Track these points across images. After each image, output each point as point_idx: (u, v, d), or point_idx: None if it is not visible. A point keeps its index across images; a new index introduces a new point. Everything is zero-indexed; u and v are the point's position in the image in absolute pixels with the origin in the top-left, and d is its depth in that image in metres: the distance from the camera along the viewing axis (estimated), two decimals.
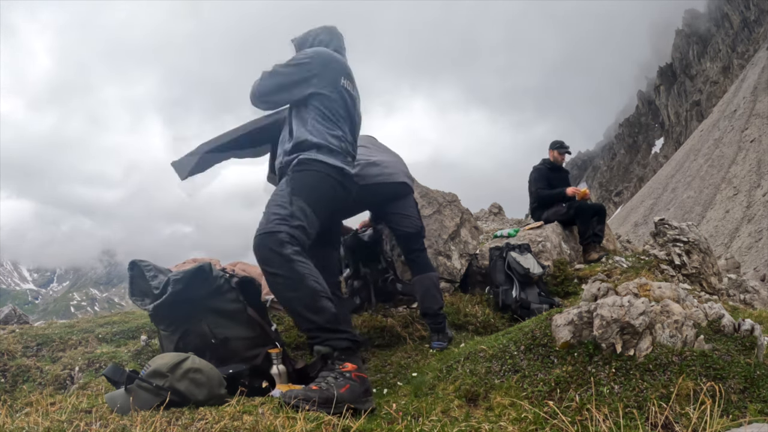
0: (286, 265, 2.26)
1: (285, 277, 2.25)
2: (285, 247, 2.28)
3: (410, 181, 4.13)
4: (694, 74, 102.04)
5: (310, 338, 2.35)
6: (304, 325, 2.31)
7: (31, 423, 1.75)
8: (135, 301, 2.68)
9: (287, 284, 2.26)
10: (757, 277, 23.23)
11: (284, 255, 2.27)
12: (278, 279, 2.27)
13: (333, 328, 2.26)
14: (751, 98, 57.80)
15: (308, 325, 2.28)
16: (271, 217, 2.38)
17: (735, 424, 1.56)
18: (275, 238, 2.30)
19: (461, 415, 2.04)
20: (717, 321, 2.12)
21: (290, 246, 2.30)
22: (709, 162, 53.77)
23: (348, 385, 2.07)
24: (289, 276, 2.25)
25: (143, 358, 3.34)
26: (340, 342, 2.24)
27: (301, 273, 2.26)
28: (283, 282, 2.26)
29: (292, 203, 2.43)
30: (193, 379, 2.06)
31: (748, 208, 41.38)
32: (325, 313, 2.25)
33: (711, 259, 5.24)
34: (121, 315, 4.38)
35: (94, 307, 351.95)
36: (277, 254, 2.27)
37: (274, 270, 2.28)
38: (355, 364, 2.19)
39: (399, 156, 4.32)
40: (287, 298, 2.30)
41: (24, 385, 3.03)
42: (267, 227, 2.34)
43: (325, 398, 1.94)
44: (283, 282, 2.26)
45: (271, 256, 2.28)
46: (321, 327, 2.25)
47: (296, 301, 2.27)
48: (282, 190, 2.50)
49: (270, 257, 2.29)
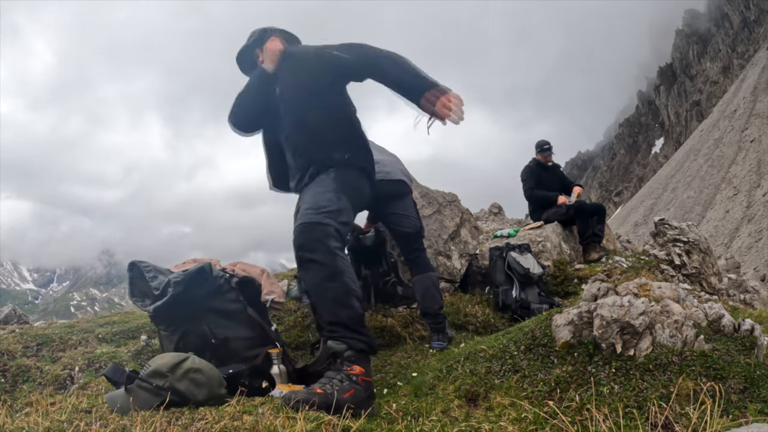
0: (328, 255, 2.21)
1: (324, 266, 2.20)
2: (330, 240, 2.24)
3: (408, 180, 4.14)
4: (694, 74, 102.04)
5: (327, 332, 2.25)
6: (328, 317, 2.23)
7: (31, 423, 1.75)
8: (135, 302, 2.68)
9: (324, 273, 2.20)
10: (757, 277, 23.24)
11: (329, 247, 2.22)
12: (315, 266, 2.21)
13: (354, 328, 2.21)
14: (751, 98, 57.80)
15: (331, 318, 2.22)
16: (321, 209, 2.31)
17: (735, 424, 1.56)
18: (323, 229, 2.25)
19: (461, 415, 2.04)
20: (717, 321, 2.12)
21: (335, 241, 2.26)
22: (709, 162, 53.77)
23: (353, 390, 2.03)
24: (329, 266, 2.20)
25: (143, 358, 3.34)
26: (357, 343, 2.19)
27: (340, 267, 2.22)
28: (319, 270, 2.20)
29: (340, 200, 2.41)
30: (193, 379, 2.06)
31: (748, 208, 41.38)
32: (352, 311, 2.21)
33: (711, 259, 5.24)
34: (121, 315, 4.38)
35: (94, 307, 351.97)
36: (322, 244, 2.22)
37: (313, 256, 2.22)
38: (364, 368, 2.16)
39: (396, 156, 4.34)
40: (319, 286, 2.23)
41: (24, 385, 3.04)
42: (316, 218, 2.26)
43: (326, 404, 1.92)
44: (319, 270, 2.20)
45: (314, 244, 2.23)
46: (343, 323, 2.19)
47: (328, 291, 2.21)
48: (328, 185, 2.46)
49: (313, 245, 2.23)
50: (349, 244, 4.19)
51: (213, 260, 2.97)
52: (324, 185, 2.47)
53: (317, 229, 2.24)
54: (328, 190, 2.42)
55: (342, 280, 2.21)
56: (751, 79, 62.13)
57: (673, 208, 50.82)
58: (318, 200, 2.37)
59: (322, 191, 2.43)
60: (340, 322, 2.19)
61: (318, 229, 2.24)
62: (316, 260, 2.21)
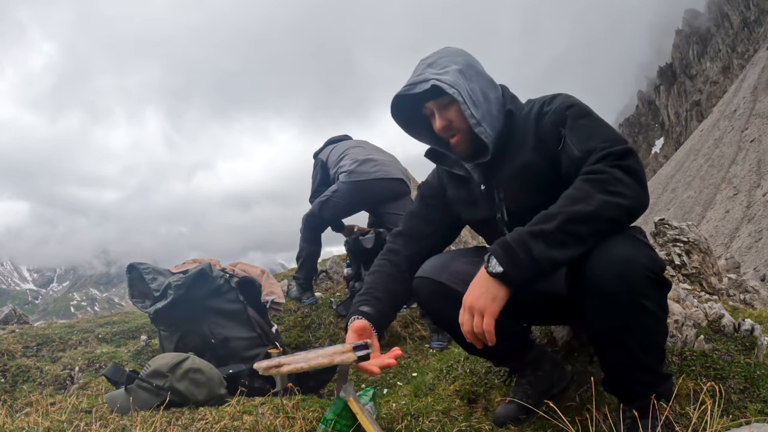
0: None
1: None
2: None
3: (407, 180, 4.15)
4: (694, 74, 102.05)
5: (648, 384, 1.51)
6: (661, 362, 1.54)
7: (31, 423, 1.75)
8: (135, 303, 2.69)
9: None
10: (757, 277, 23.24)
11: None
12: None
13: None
14: (751, 98, 57.79)
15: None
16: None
17: (735, 424, 1.56)
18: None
19: (461, 415, 2.04)
20: (717, 321, 2.12)
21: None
22: (709, 162, 53.76)
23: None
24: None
25: (143, 358, 3.34)
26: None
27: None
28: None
29: None
30: (193, 379, 2.07)
31: (748, 208, 41.37)
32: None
33: (711, 259, 5.24)
34: (121, 315, 4.38)
35: (94, 307, 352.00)
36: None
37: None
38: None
39: (394, 157, 4.36)
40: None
41: (24, 385, 3.04)
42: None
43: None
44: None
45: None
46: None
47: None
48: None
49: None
50: (349, 245, 4.19)
51: (213, 260, 2.97)
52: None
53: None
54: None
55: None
56: (751, 79, 62.11)
57: (673, 208, 50.82)
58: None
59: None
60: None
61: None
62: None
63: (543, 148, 1.57)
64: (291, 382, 2.59)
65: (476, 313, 1.39)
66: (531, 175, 1.60)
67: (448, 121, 1.62)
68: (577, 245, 1.33)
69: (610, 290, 1.34)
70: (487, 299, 1.37)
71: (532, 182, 1.60)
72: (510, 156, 1.62)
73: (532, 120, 1.61)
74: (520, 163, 1.61)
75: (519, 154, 1.61)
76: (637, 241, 1.38)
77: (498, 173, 1.65)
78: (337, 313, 4.14)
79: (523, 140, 1.61)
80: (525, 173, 1.60)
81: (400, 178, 4.06)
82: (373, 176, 3.96)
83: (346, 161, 4.07)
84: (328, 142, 4.52)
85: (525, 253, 1.32)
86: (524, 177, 1.61)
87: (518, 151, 1.62)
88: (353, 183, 3.94)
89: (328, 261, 5.19)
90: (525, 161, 1.60)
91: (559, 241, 1.32)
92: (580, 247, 1.33)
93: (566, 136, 1.50)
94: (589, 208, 1.32)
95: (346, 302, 4.19)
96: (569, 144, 1.49)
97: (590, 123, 1.50)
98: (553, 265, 1.33)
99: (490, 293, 1.37)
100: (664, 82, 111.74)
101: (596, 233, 1.34)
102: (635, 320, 1.37)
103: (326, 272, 5.04)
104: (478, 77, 1.63)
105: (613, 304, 1.36)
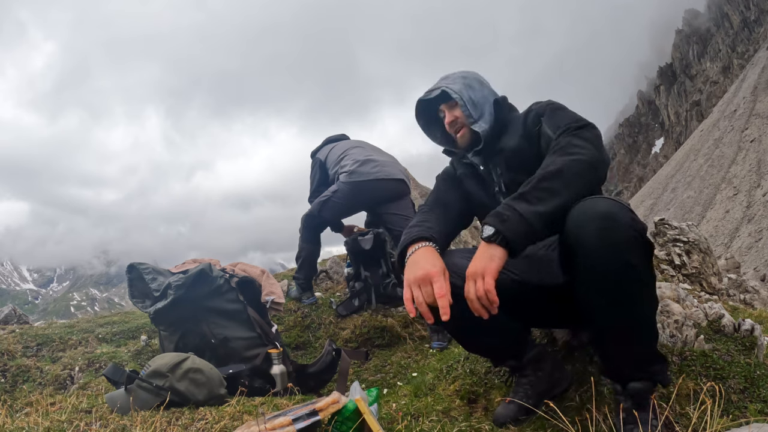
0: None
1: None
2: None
3: (407, 180, 4.15)
4: (694, 74, 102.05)
5: (640, 365, 1.59)
6: (654, 334, 1.60)
7: (31, 423, 1.75)
8: (135, 303, 2.69)
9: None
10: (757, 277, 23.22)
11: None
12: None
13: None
14: (751, 98, 57.78)
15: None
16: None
17: (735, 424, 1.56)
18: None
19: (461, 415, 2.04)
20: (717, 321, 2.12)
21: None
22: (709, 162, 53.76)
23: None
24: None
25: (143, 358, 3.34)
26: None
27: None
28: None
29: None
30: (193, 379, 2.07)
31: (748, 208, 41.37)
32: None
33: (711, 259, 5.24)
34: (121, 315, 4.38)
35: (94, 307, 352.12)
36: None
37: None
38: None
39: (394, 157, 4.36)
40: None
41: (24, 385, 3.04)
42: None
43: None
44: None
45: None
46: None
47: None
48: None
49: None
50: (348, 245, 4.19)
51: (213, 260, 2.97)
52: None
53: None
54: None
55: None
56: (751, 79, 62.11)
57: (673, 208, 50.82)
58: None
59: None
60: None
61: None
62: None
63: (529, 137, 1.87)
64: (291, 382, 2.59)
65: (477, 278, 1.49)
66: (520, 156, 1.88)
67: (454, 118, 1.97)
68: (554, 197, 1.51)
69: (594, 245, 1.43)
70: (484, 261, 1.49)
71: (520, 161, 1.87)
72: (503, 144, 1.94)
73: (522, 117, 1.94)
74: (512, 146, 1.91)
75: (511, 140, 1.93)
76: (620, 204, 1.48)
77: (494, 157, 1.96)
78: (337, 313, 4.14)
79: (514, 131, 1.93)
80: (515, 154, 1.90)
81: (400, 179, 4.07)
82: (373, 177, 3.96)
83: (346, 161, 4.07)
84: (326, 141, 4.51)
85: (511, 212, 1.50)
86: (514, 157, 1.90)
87: (510, 139, 1.93)
88: (354, 183, 3.94)
89: (328, 261, 5.19)
90: (515, 145, 1.90)
91: (537, 197, 1.51)
92: (558, 199, 1.51)
93: (543, 123, 1.82)
94: (554, 167, 1.56)
95: (346, 302, 4.19)
96: (545, 128, 1.80)
97: (563, 112, 1.81)
98: (539, 218, 1.48)
99: (486, 255, 1.50)
100: (664, 82, 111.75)
101: (568, 185, 1.52)
102: (622, 278, 1.44)
103: (326, 272, 5.04)
104: (481, 87, 1.99)
105: (598, 260, 1.43)
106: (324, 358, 2.82)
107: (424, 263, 1.60)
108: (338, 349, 2.80)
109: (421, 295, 1.54)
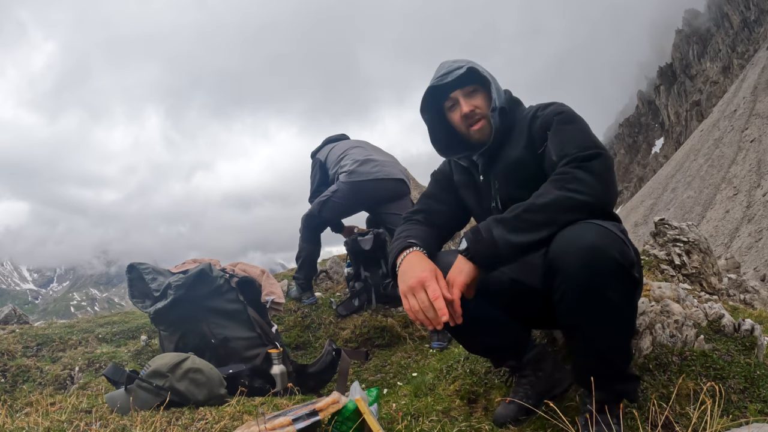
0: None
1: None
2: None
3: (407, 180, 4.15)
4: (694, 74, 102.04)
5: (613, 378, 1.59)
6: (624, 359, 1.60)
7: (31, 423, 1.75)
8: (135, 303, 2.69)
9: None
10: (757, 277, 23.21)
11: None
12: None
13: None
14: (751, 98, 57.76)
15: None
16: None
17: (735, 424, 1.56)
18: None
19: (461, 415, 2.04)
20: (717, 321, 2.12)
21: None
22: (709, 162, 53.75)
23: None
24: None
25: (143, 358, 3.34)
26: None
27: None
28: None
29: None
30: (193, 379, 2.07)
31: (748, 208, 41.36)
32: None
33: (711, 259, 5.24)
34: (121, 315, 4.38)
35: (94, 307, 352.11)
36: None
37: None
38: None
39: (394, 157, 4.36)
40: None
41: (24, 385, 3.04)
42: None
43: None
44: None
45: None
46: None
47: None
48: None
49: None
50: (348, 245, 4.19)
51: (213, 260, 2.97)
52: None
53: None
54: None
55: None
56: (751, 79, 62.09)
57: (673, 208, 50.82)
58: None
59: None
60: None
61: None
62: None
63: (532, 148, 1.74)
64: (291, 382, 2.59)
65: (449, 284, 1.53)
66: (520, 170, 1.76)
67: (473, 107, 1.77)
68: (532, 231, 1.46)
69: (574, 275, 1.41)
70: (455, 272, 1.53)
71: (521, 176, 1.76)
72: (507, 150, 1.80)
73: (527, 121, 1.78)
74: (514, 157, 1.77)
75: (514, 149, 1.78)
76: (610, 233, 1.42)
77: (495, 166, 1.83)
78: (337, 313, 4.14)
79: (519, 137, 1.78)
80: (516, 167, 1.77)
81: (400, 179, 4.07)
82: (373, 176, 3.96)
83: (346, 161, 4.07)
84: (326, 141, 4.51)
85: (487, 234, 1.48)
86: (515, 171, 1.77)
87: (514, 147, 1.78)
88: (354, 183, 3.94)
89: (328, 261, 5.19)
90: (517, 156, 1.77)
91: (514, 226, 1.46)
92: (535, 234, 1.45)
93: (549, 139, 1.66)
94: (543, 200, 1.47)
95: (346, 302, 4.19)
96: (549, 148, 1.65)
97: (571, 129, 1.64)
98: (510, 247, 1.46)
99: (458, 267, 1.53)
100: (664, 82, 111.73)
101: (550, 222, 1.45)
102: (597, 310, 1.43)
103: (326, 272, 5.04)
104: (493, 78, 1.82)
105: (576, 288, 1.42)
106: (324, 358, 2.82)
107: (413, 271, 1.57)
108: (338, 349, 2.80)
109: (417, 303, 1.51)
